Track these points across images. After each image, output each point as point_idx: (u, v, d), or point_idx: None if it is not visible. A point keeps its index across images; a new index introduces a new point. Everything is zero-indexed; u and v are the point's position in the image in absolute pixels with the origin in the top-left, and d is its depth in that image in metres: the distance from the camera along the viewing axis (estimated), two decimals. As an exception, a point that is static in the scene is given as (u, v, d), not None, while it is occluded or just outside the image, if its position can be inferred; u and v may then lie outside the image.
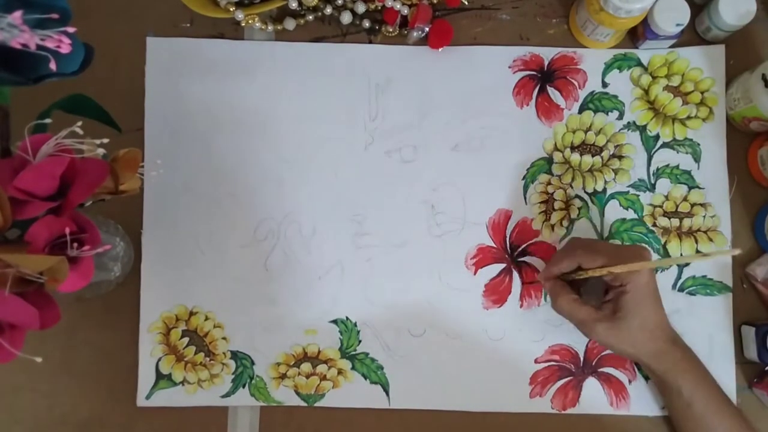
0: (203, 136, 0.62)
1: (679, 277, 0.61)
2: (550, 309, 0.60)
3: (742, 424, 0.54)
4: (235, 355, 0.60)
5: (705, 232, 0.61)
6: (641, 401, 0.60)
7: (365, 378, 0.60)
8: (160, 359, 0.60)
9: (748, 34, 0.62)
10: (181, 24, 0.63)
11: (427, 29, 0.61)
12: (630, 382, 0.60)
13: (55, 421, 0.60)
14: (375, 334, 0.61)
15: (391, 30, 0.62)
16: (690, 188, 0.62)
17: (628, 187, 0.62)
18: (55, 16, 0.36)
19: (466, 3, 0.63)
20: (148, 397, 0.60)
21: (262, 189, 0.62)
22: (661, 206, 0.62)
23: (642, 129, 0.62)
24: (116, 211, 0.59)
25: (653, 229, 0.61)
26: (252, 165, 0.62)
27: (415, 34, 0.61)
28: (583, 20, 0.60)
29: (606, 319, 0.53)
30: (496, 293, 0.61)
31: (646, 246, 0.54)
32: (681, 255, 0.60)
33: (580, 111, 0.62)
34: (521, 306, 0.61)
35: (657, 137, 0.62)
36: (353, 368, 0.60)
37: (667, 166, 0.62)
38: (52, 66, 0.36)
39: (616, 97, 0.62)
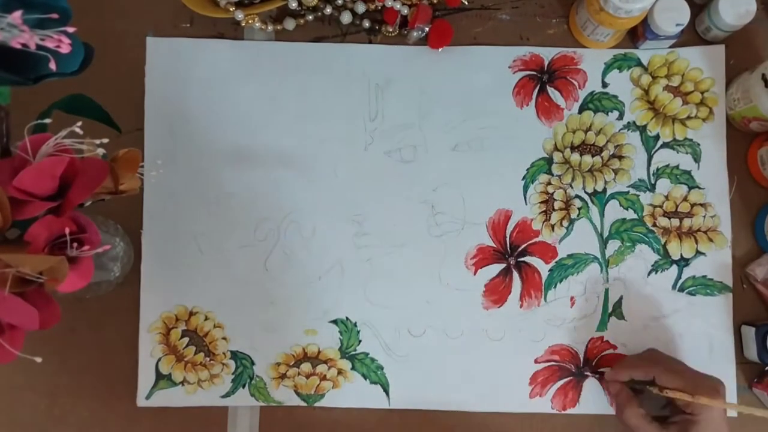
0: (203, 136, 0.62)
1: (679, 277, 0.61)
2: (550, 309, 0.61)
3: None
4: (234, 355, 0.60)
5: (705, 232, 0.61)
6: (641, 401, 0.60)
7: (365, 378, 0.60)
8: (160, 359, 0.60)
9: (748, 34, 0.62)
10: (181, 24, 0.63)
11: (427, 29, 0.61)
12: (630, 382, 0.60)
13: (55, 421, 0.60)
14: (375, 334, 0.61)
15: (391, 30, 0.62)
16: (690, 188, 0.62)
17: (628, 187, 0.62)
18: (54, 16, 0.36)
19: (466, 3, 0.63)
20: (148, 397, 0.60)
21: (262, 189, 0.62)
22: (661, 206, 0.61)
23: (642, 129, 0.62)
24: (116, 211, 0.59)
25: (653, 229, 0.61)
26: (252, 165, 0.62)
27: (415, 34, 0.61)
28: (583, 20, 0.60)
29: None
30: (496, 293, 0.61)
31: (722, 381, 0.53)
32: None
33: (580, 111, 0.62)
34: (521, 306, 0.61)
35: (657, 137, 0.62)
36: (353, 368, 0.60)
37: (667, 166, 0.62)
38: (52, 66, 0.36)
39: (616, 97, 0.62)
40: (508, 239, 0.62)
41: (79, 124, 0.41)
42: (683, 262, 0.61)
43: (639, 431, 0.54)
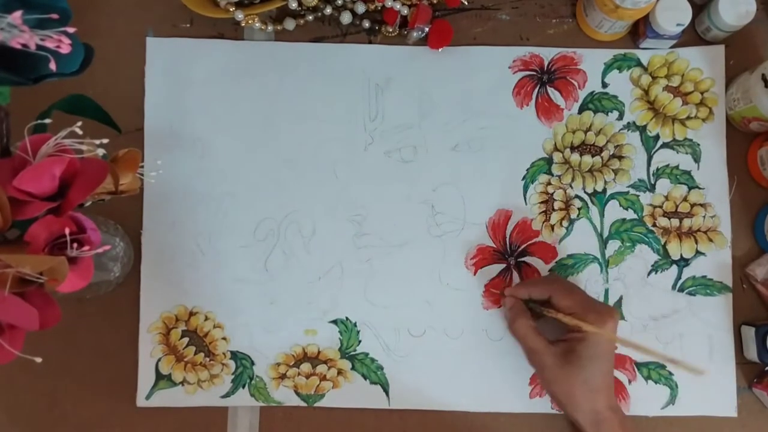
0: (203, 136, 0.62)
1: (679, 277, 0.61)
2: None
3: None
4: (234, 355, 0.60)
5: (705, 232, 0.61)
6: (641, 401, 0.60)
7: (365, 378, 0.60)
8: (159, 359, 0.60)
9: (748, 34, 0.62)
10: (181, 24, 0.63)
11: (427, 29, 0.61)
12: (630, 382, 0.60)
13: (55, 421, 0.60)
14: (375, 334, 0.61)
15: (391, 30, 0.62)
16: (690, 188, 0.62)
17: (628, 187, 0.62)
18: (55, 16, 0.36)
19: (466, 3, 0.63)
20: (147, 398, 0.60)
21: (262, 189, 0.62)
22: (661, 206, 0.62)
23: (642, 129, 0.62)
24: (116, 211, 0.59)
25: (653, 229, 0.61)
26: (252, 165, 0.62)
27: (415, 34, 0.61)
28: (597, 19, 0.60)
29: (556, 356, 0.53)
30: (496, 293, 0.61)
31: (616, 309, 0.53)
32: (651, 350, 0.53)
33: (580, 111, 0.62)
34: (521, 306, 0.61)
35: (657, 137, 0.62)
36: (353, 368, 0.60)
37: (667, 166, 0.62)
38: (52, 66, 0.36)
39: (615, 97, 0.62)
40: (508, 239, 0.62)
41: (79, 124, 0.41)
42: (683, 263, 0.61)
43: (526, 341, 0.54)
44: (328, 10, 0.61)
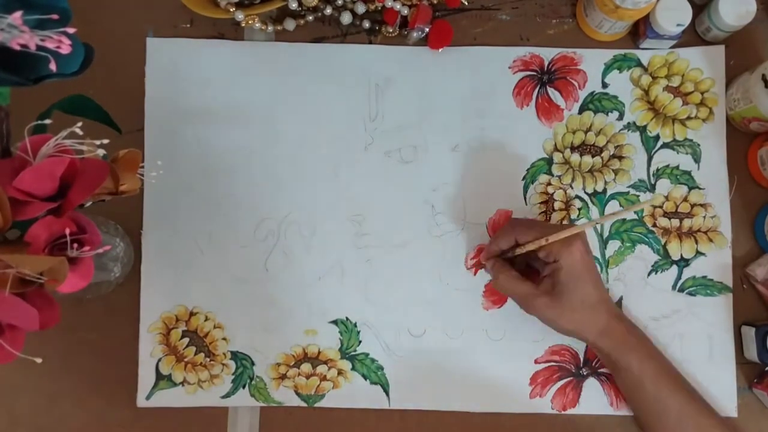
0: (203, 137, 0.62)
1: (679, 277, 0.61)
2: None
3: (693, 397, 0.54)
4: (235, 355, 0.60)
5: (705, 232, 0.61)
6: (641, 401, 0.60)
7: (365, 378, 0.60)
8: (160, 360, 0.60)
9: (748, 35, 0.62)
10: (181, 24, 0.63)
11: (427, 30, 0.61)
12: (630, 382, 0.60)
13: (55, 422, 0.60)
14: (375, 335, 0.61)
15: (391, 30, 0.62)
16: (690, 189, 0.62)
17: (628, 187, 0.62)
18: (55, 16, 0.36)
19: (466, 3, 0.63)
20: (148, 398, 0.60)
21: (262, 189, 0.62)
22: (661, 207, 0.62)
23: (642, 129, 0.62)
24: (116, 212, 0.59)
25: (653, 229, 0.61)
26: (252, 165, 0.62)
27: (415, 34, 0.61)
28: (597, 19, 0.60)
29: (545, 293, 0.54)
30: (496, 293, 0.61)
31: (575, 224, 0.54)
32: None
33: (580, 111, 0.62)
34: (521, 306, 0.61)
35: (657, 138, 0.62)
36: (353, 369, 0.60)
37: (667, 166, 0.62)
38: (52, 66, 0.36)
39: (616, 97, 0.62)
40: (508, 239, 0.61)
41: (80, 124, 0.41)
42: (683, 263, 0.61)
43: (515, 290, 0.55)
44: (328, 11, 0.61)
